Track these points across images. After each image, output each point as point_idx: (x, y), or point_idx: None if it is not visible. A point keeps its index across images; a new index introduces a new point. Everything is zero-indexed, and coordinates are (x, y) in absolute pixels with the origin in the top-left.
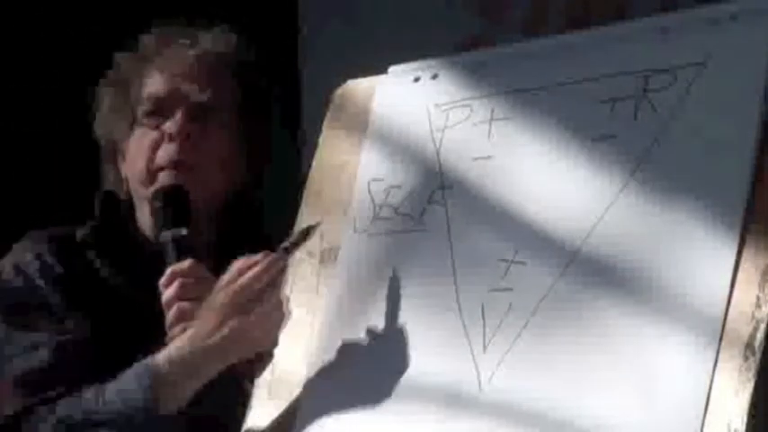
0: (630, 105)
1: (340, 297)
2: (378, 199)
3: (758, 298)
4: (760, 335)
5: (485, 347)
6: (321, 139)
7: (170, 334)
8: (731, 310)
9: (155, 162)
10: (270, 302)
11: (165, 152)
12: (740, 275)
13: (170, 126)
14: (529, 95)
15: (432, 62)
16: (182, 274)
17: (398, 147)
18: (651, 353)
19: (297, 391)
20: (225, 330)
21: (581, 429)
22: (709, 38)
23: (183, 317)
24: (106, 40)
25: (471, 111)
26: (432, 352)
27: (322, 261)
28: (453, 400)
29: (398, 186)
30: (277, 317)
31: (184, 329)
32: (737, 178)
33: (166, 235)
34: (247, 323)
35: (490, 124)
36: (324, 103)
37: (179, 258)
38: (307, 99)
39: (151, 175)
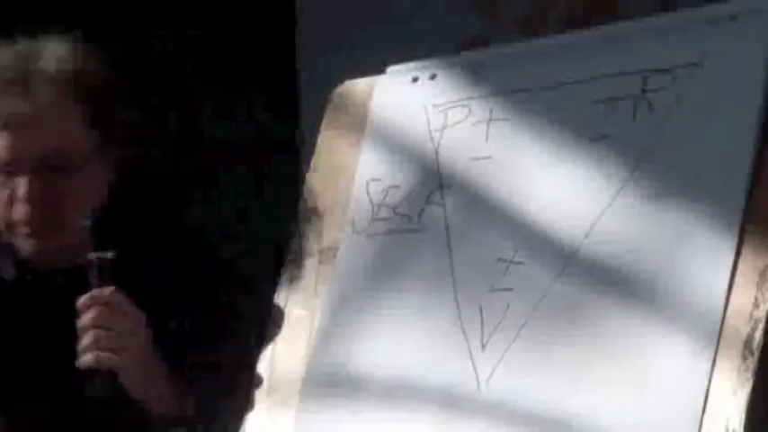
0: (629, 105)
1: (339, 297)
2: (376, 199)
3: (756, 298)
4: (758, 335)
5: (483, 347)
6: (319, 140)
7: (79, 362)
8: (729, 310)
9: (11, 216)
10: None
11: (18, 211)
12: (738, 276)
13: (17, 187)
14: (527, 95)
15: (430, 62)
16: (101, 300)
17: (397, 147)
18: (649, 353)
19: (295, 390)
20: None
21: (579, 429)
22: (707, 38)
23: (96, 345)
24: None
25: (469, 111)
26: (430, 351)
27: (320, 261)
28: (451, 399)
29: (397, 186)
30: None
31: (95, 359)
32: (736, 178)
33: (91, 257)
34: None
35: (488, 124)
36: (322, 103)
37: (102, 283)
38: (305, 99)
39: (10, 228)
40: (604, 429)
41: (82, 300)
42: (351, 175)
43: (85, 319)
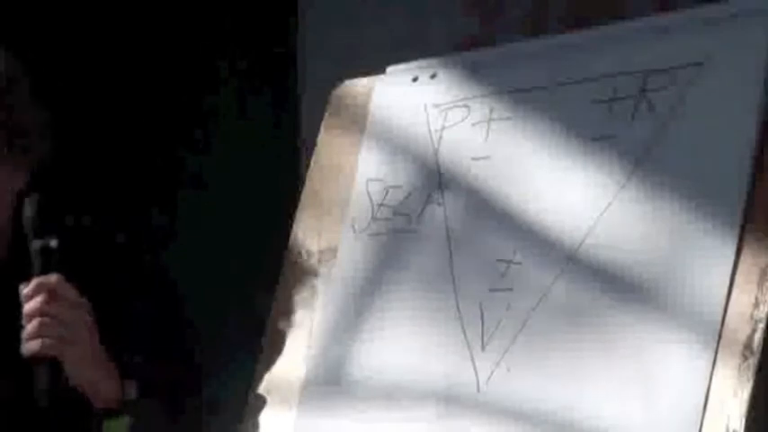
0: (629, 105)
1: (339, 296)
2: (376, 199)
3: (756, 298)
4: (758, 335)
5: (483, 347)
6: (319, 139)
7: (25, 349)
8: (730, 310)
9: None
10: None
11: None
12: (739, 276)
13: None
14: (527, 95)
15: (430, 62)
16: (46, 287)
17: (397, 147)
18: (650, 353)
19: (295, 390)
20: None
21: (579, 430)
22: (707, 38)
23: (41, 333)
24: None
25: (469, 111)
26: (430, 352)
27: (321, 261)
28: (452, 400)
29: (397, 186)
30: None
31: (41, 346)
32: (736, 178)
33: (36, 244)
34: None
35: (488, 124)
36: (323, 103)
37: (45, 270)
38: (306, 99)
39: None
40: (604, 429)
41: (27, 287)
42: (351, 174)
43: (30, 306)
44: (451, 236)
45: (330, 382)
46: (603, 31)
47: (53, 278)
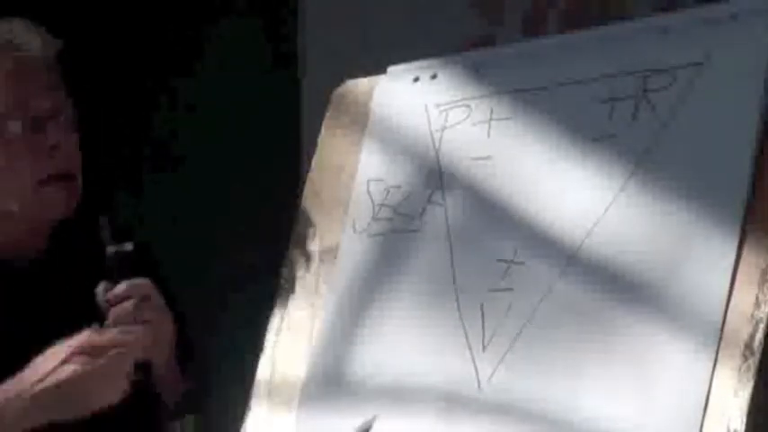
0: (630, 105)
1: (340, 297)
2: (377, 199)
3: (757, 298)
4: (759, 335)
5: (484, 347)
6: (320, 139)
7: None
8: (730, 310)
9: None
10: (116, 356)
11: (48, 165)
12: (739, 275)
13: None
14: (528, 95)
15: (431, 62)
16: (141, 292)
17: (398, 147)
18: (650, 353)
19: (296, 390)
20: (61, 375)
21: (580, 430)
22: (708, 38)
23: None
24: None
25: (470, 111)
26: (431, 352)
27: (321, 261)
28: (452, 399)
29: (398, 186)
30: (120, 370)
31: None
32: (737, 178)
33: (111, 249)
34: (89, 372)
35: (489, 124)
36: (324, 103)
37: (120, 275)
38: (307, 99)
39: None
40: (604, 429)
41: (115, 291)
42: (351, 174)
43: (123, 311)
44: (452, 236)
45: (330, 382)
46: (603, 31)
47: (144, 283)
